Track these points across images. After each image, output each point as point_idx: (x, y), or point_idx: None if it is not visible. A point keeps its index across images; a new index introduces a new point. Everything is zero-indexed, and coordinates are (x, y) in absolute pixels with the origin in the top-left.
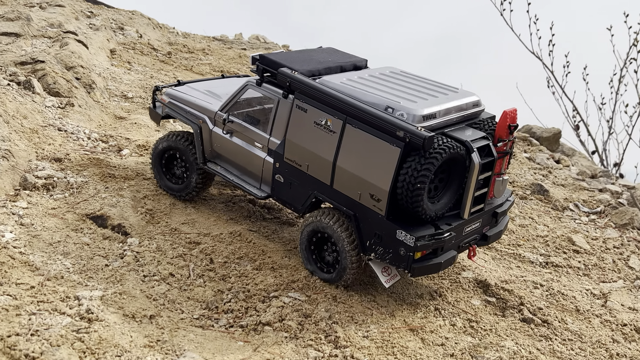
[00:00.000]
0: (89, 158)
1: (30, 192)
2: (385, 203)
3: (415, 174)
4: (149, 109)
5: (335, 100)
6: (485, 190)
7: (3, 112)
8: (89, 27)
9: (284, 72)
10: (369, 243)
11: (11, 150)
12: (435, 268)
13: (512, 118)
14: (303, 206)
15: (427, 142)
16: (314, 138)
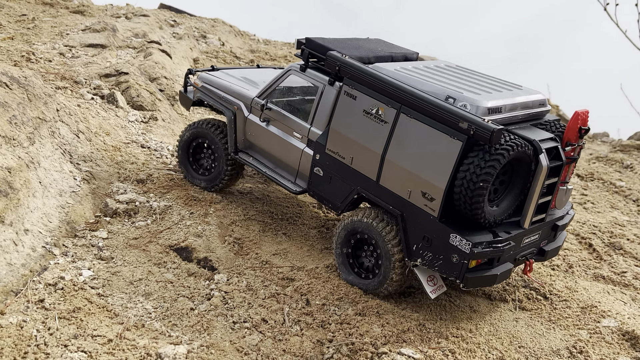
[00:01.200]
0: (172, 179)
1: (112, 218)
2: (440, 203)
3: (477, 171)
4: (180, 92)
5: (390, 86)
6: (548, 198)
7: (86, 129)
8: (172, 36)
9: (334, 55)
10: (415, 247)
11: (93, 172)
12: (491, 280)
13: (584, 120)
14: (343, 203)
15: (495, 135)
16: (361, 128)
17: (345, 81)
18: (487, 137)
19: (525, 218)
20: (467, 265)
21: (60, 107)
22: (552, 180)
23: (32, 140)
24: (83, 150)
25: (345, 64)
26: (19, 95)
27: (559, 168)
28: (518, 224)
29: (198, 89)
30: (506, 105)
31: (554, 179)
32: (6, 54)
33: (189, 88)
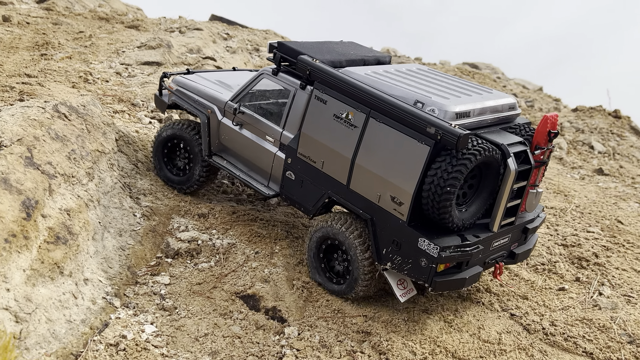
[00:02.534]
0: (234, 211)
1: (173, 259)
2: (408, 207)
3: (445, 176)
4: (155, 96)
5: (359, 91)
6: (517, 202)
7: (144, 158)
8: (226, 50)
9: (304, 59)
10: (385, 251)
11: (153, 207)
12: (459, 284)
13: (553, 124)
14: (314, 207)
15: (462, 140)
16: (332, 132)
17: (316, 85)
18: (454, 142)
19: (494, 222)
20: (435, 269)
21: (119, 135)
22: (521, 184)
23: (91, 176)
24: (142, 182)
25: (315, 69)
26: (78, 126)
27: (527, 172)
28: (487, 227)
29: (173, 92)
30: (474, 110)
31: (523, 183)
32: (64, 75)
33: (164, 91)
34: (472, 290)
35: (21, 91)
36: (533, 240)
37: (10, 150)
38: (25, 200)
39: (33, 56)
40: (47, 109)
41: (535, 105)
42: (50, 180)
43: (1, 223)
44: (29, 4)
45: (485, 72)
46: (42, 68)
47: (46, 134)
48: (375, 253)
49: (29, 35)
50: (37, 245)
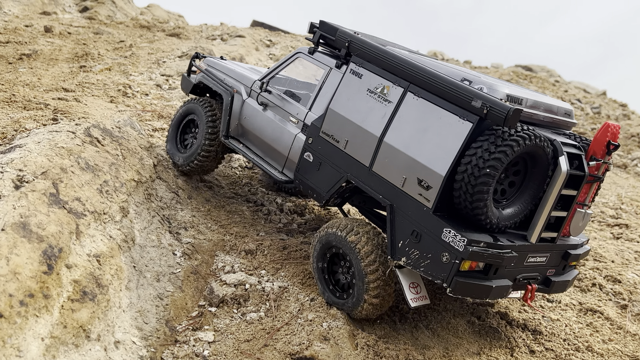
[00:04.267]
0: (285, 246)
1: (218, 308)
2: (437, 192)
3: (486, 156)
4: (182, 76)
5: (402, 64)
6: (563, 214)
7: (184, 184)
8: (269, 58)
9: (345, 31)
10: (402, 244)
11: (195, 244)
12: (483, 292)
13: (614, 135)
14: (328, 192)
15: (512, 116)
16: (363, 108)
17: (353, 59)
18: (503, 117)
19: (533, 230)
20: (458, 265)
21: (157, 160)
22: (571, 192)
23: (125, 211)
24: (184, 213)
25: (355, 40)
26: (112, 152)
27: (579, 180)
28: (524, 238)
29: (202, 71)
30: (528, 99)
31: (573, 192)
32: (103, 89)
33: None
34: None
35: (55, 109)
36: (573, 273)
37: (32, 187)
38: (47, 249)
39: (72, 68)
40: (77, 134)
41: (602, 112)
42: (78, 220)
43: (17, 281)
44: (72, 13)
45: (541, 75)
46: (80, 81)
47: (75, 164)
48: (389, 246)
49: (69, 46)
50: (59, 305)
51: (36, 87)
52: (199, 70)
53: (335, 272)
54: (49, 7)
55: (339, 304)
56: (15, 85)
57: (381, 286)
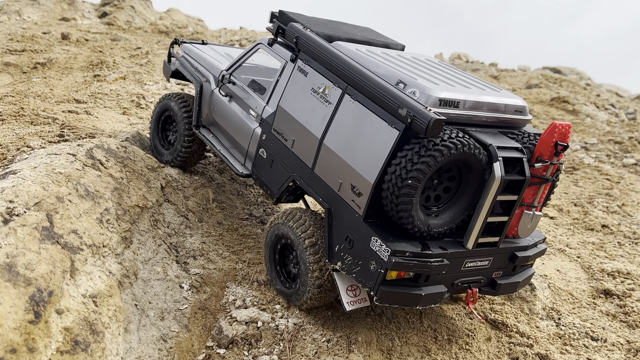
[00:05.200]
0: None
1: (227, 350)
2: (367, 199)
3: (408, 167)
4: (164, 62)
5: (339, 63)
6: (503, 219)
7: (196, 206)
8: None
9: (293, 26)
10: (337, 248)
11: (204, 275)
12: (412, 300)
13: (562, 135)
14: (278, 190)
15: (433, 126)
16: (307, 108)
17: (301, 56)
18: (424, 127)
19: (469, 236)
20: (383, 275)
21: (166, 181)
22: (511, 198)
23: (128, 241)
24: (193, 240)
25: (302, 36)
26: (116, 175)
27: (519, 184)
28: (461, 243)
29: (177, 58)
30: (466, 101)
31: (513, 197)
32: (116, 99)
33: (173, 59)
34: None
35: (63, 124)
36: (526, 274)
37: (23, 221)
38: (34, 293)
39: (86, 78)
40: (78, 156)
41: (638, 118)
42: (74, 255)
43: None
44: (90, 19)
45: (571, 78)
46: (93, 91)
47: (73, 192)
48: (327, 249)
49: (85, 54)
50: (46, 358)
51: (48, 99)
52: (176, 57)
53: (286, 263)
54: (69, 13)
55: (285, 293)
56: (26, 97)
57: (324, 283)
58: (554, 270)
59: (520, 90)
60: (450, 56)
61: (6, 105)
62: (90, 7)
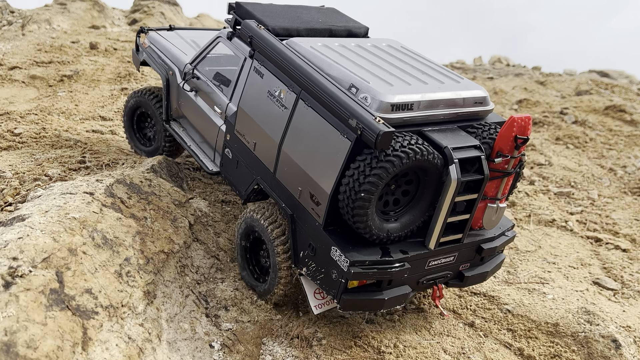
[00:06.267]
0: (354, 334)
1: None
2: (325, 208)
3: (361, 179)
4: (132, 51)
5: (292, 67)
6: (465, 217)
7: (227, 245)
8: None
9: (247, 24)
10: (302, 254)
11: (237, 330)
12: (375, 305)
13: (521, 128)
14: (245, 192)
15: (381, 139)
16: (265, 111)
17: (256, 56)
18: (373, 139)
19: (430, 237)
20: (345, 284)
21: (195, 217)
22: (471, 197)
23: (151, 296)
24: (225, 285)
25: (255, 36)
26: (139, 215)
27: (479, 183)
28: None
29: (144, 49)
30: (421, 102)
31: (473, 196)
32: None
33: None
34: None
35: (85, 147)
36: (494, 262)
37: (27, 284)
38: None
39: (113, 91)
40: (96, 195)
41: None
42: (87, 321)
43: None
44: (120, 27)
45: (621, 83)
46: (119, 107)
47: (89, 241)
48: (292, 254)
49: (113, 64)
50: None
51: (72, 116)
52: (142, 47)
53: (258, 254)
54: (98, 21)
55: (254, 286)
56: (50, 114)
57: (290, 284)
58: (638, 320)
59: (570, 97)
60: (490, 59)
61: (28, 124)
62: (120, 13)
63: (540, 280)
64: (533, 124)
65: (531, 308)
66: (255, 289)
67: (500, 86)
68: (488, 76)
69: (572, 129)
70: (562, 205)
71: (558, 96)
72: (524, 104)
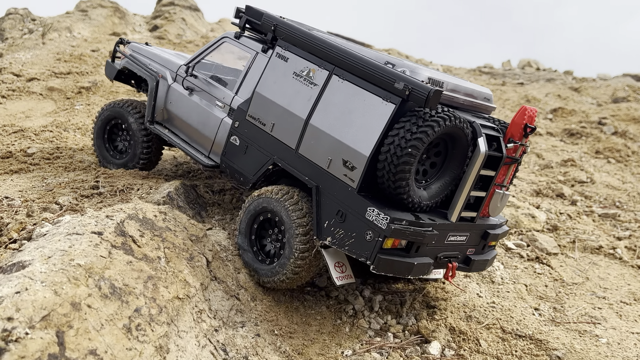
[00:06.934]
0: None
1: None
2: (361, 172)
3: (407, 136)
4: (107, 62)
5: (327, 47)
6: (482, 194)
7: (247, 281)
8: None
9: (271, 15)
10: (327, 224)
11: None
12: (405, 269)
13: (531, 118)
14: (255, 175)
15: (433, 97)
16: (289, 91)
17: (279, 42)
18: (424, 98)
19: (453, 210)
20: (381, 243)
21: (213, 253)
22: (490, 173)
23: (164, 351)
24: (245, 331)
25: (281, 24)
26: (152, 255)
27: (498, 161)
28: (445, 217)
29: (126, 56)
30: (448, 83)
31: (491, 173)
32: None
33: (117, 60)
34: None
35: (98, 169)
36: (491, 254)
37: (22, 350)
38: None
39: None
40: (105, 235)
41: None
42: None
43: None
44: (141, 33)
45: None
46: None
47: (95, 292)
48: (315, 226)
49: None
50: None
51: (88, 132)
52: (123, 56)
53: (263, 237)
54: (119, 28)
55: (258, 269)
56: (65, 130)
57: (307, 261)
58: None
59: (606, 105)
60: (519, 63)
61: (43, 142)
62: (141, 19)
63: (591, 319)
64: (570, 135)
65: (584, 355)
66: (258, 272)
67: (532, 93)
68: (518, 81)
69: (612, 141)
70: (608, 228)
71: (594, 104)
72: (559, 113)
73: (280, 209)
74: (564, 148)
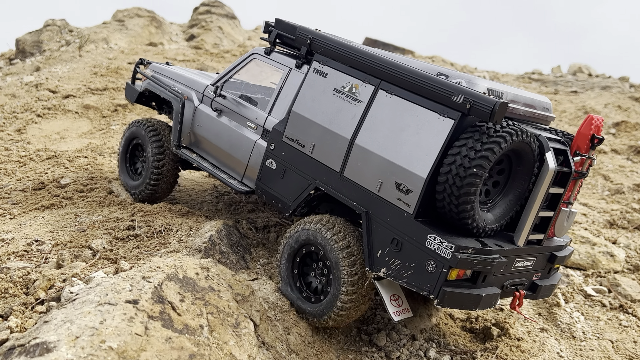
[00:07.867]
0: None
1: None
2: (418, 196)
3: (471, 154)
4: (126, 84)
5: (371, 60)
6: (550, 214)
7: (300, 341)
8: None
9: (306, 28)
10: (380, 254)
11: None
12: (473, 302)
13: (597, 128)
14: (295, 201)
15: (499, 110)
16: (329, 110)
17: (316, 57)
18: (488, 111)
19: (520, 232)
20: (445, 275)
21: (261, 313)
22: (558, 191)
23: None
24: None
25: (317, 37)
26: (193, 325)
27: (566, 177)
28: (511, 240)
29: (148, 77)
30: (508, 93)
31: (560, 190)
32: None
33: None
34: None
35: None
36: (556, 278)
37: None
38: None
39: None
40: (141, 304)
41: None
42: None
43: None
44: (178, 42)
45: None
46: None
47: None
48: (367, 256)
49: None
50: None
51: None
52: (144, 78)
53: (306, 274)
54: (156, 38)
55: (310, 310)
56: (101, 154)
57: (358, 297)
58: None
59: None
60: (569, 69)
61: (77, 170)
62: (178, 29)
63: None
64: (637, 153)
65: None
66: (311, 313)
67: (590, 103)
68: (571, 89)
69: None
70: None
71: None
72: (622, 127)
73: (320, 238)
74: (632, 168)
